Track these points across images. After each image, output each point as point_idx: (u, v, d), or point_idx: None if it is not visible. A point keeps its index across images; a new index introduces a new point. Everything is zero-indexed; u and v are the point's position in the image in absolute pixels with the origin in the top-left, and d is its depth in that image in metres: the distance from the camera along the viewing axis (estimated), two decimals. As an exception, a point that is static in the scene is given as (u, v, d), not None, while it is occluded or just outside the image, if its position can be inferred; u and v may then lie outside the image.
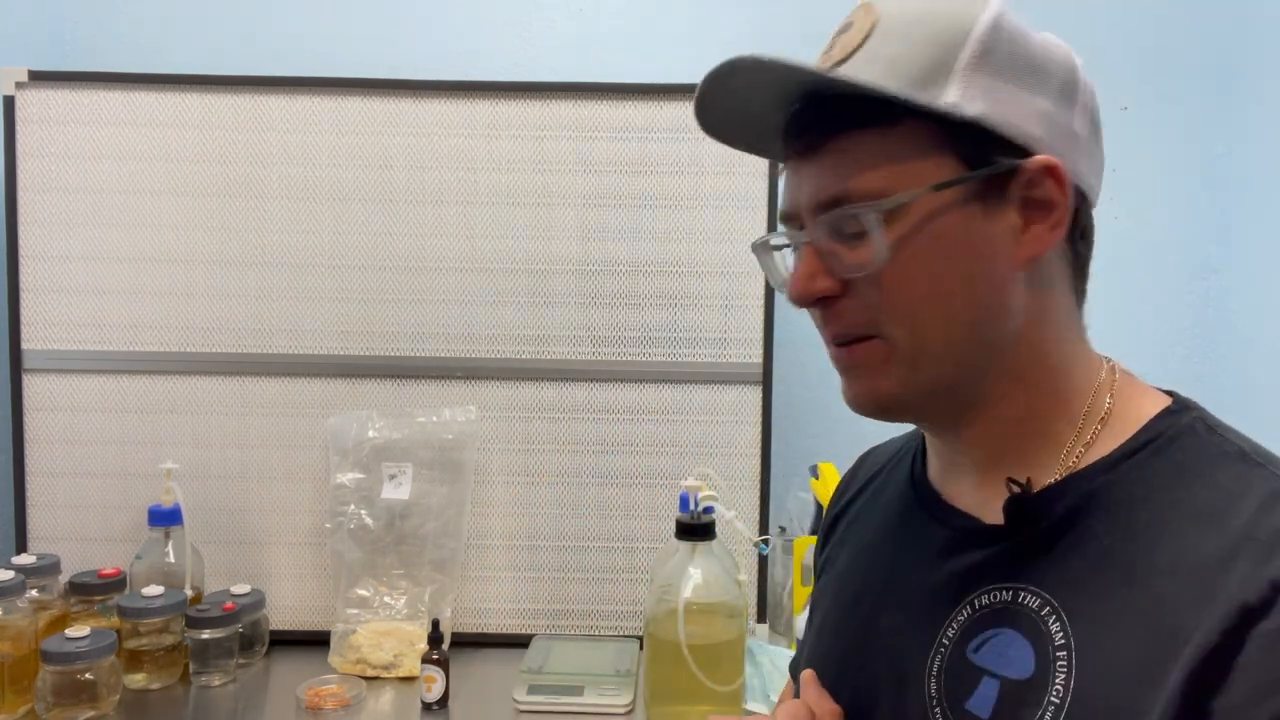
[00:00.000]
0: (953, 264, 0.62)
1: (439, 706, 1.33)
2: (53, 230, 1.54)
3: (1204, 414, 0.64)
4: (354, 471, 1.53)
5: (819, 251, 0.64)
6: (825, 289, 0.64)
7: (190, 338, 1.55)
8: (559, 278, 1.55)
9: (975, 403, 0.65)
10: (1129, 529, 0.59)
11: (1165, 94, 1.76)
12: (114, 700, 1.29)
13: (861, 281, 0.63)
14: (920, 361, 0.63)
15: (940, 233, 0.61)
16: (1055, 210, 0.62)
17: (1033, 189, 0.62)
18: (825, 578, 0.83)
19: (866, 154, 0.62)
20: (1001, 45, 0.61)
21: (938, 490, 0.72)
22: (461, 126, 1.54)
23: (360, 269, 1.55)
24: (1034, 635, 0.59)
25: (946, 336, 0.63)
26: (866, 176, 0.61)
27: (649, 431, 1.56)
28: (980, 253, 0.62)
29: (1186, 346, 1.78)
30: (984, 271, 0.62)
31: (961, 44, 0.61)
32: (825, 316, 0.66)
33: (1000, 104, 0.61)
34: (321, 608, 1.56)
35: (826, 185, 0.63)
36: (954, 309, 0.62)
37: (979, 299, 0.62)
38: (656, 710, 1.26)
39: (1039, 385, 0.65)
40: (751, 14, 1.76)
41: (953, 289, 0.62)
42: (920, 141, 0.61)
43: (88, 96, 1.53)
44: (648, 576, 1.52)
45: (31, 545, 1.55)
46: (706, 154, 1.53)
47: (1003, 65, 0.61)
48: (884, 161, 0.61)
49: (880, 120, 0.61)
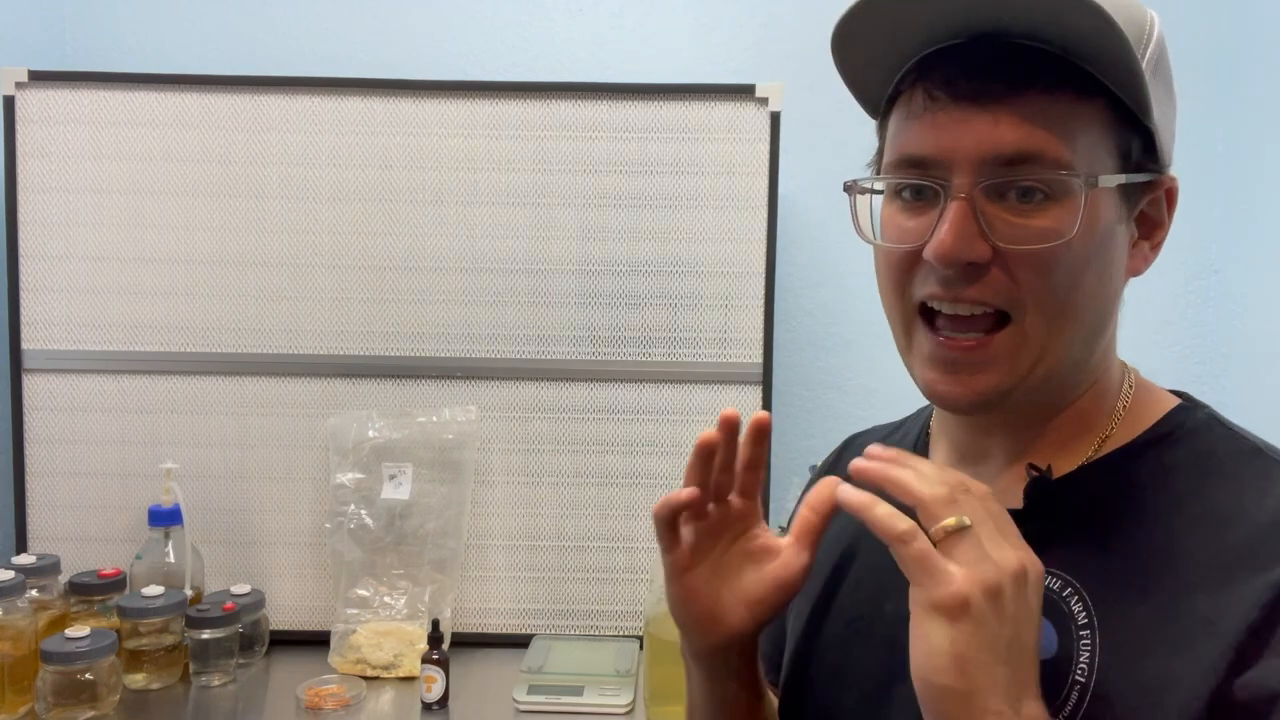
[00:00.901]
0: (1104, 262, 0.60)
1: (439, 706, 1.33)
2: (53, 230, 1.54)
3: (1215, 413, 0.65)
4: (354, 471, 1.53)
5: (975, 210, 0.58)
6: (980, 254, 0.58)
7: (190, 338, 1.55)
8: (559, 278, 1.55)
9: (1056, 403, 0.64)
10: (1150, 516, 0.59)
11: (1165, 94, 1.76)
12: (114, 700, 1.29)
13: (1018, 255, 0.58)
14: (1045, 356, 0.60)
15: (1105, 226, 0.59)
16: (1161, 230, 0.63)
17: (1153, 206, 0.62)
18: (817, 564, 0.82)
19: (1059, 119, 0.57)
20: (1165, 54, 0.60)
21: None
22: (461, 126, 1.54)
23: (360, 269, 1.55)
24: (1056, 615, 0.59)
25: (1074, 333, 0.60)
26: (1059, 144, 0.56)
27: (649, 431, 1.56)
28: (1115, 257, 0.61)
29: (1186, 346, 1.78)
30: (1115, 276, 0.61)
31: (1146, 39, 0.58)
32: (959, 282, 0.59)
33: (1163, 115, 0.60)
34: (321, 608, 1.56)
35: (1013, 139, 0.57)
36: (1091, 308, 0.60)
37: (1105, 302, 0.61)
38: (656, 710, 1.26)
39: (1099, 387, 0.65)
40: (752, 14, 1.76)
41: (1097, 287, 0.60)
42: (1105, 125, 0.58)
43: (88, 96, 1.53)
44: (648, 576, 1.52)
45: (31, 545, 1.55)
46: (706, 154, 1.53)
47: (1165, 73, 0.60)
48: (1075, 133, 0.57)
49: (1074, 87, 0.57)
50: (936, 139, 0.59)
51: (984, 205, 0.58)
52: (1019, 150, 0.57)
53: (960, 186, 0.58)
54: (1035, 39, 0.57)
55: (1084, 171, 0.57)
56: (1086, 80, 0.57)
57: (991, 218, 0.58)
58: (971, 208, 0.58)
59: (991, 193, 0.58)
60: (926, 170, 0.60)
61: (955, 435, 0.71)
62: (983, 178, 0.58)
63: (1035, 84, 0.57)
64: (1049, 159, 0.56)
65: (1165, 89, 0.61)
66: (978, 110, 0.57)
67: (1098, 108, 0.58)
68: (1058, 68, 0.56)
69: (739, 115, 1.51)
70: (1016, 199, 0.58)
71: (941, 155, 0.59)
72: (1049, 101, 0.57)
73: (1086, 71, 0.57)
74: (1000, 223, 0.58)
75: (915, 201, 0.61)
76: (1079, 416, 0.65)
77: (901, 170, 0.61)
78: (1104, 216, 0.59)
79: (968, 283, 0.59)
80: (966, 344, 0.60)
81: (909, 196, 0.62)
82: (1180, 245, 1.77)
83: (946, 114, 0.59)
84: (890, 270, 0.63)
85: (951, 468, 0.58)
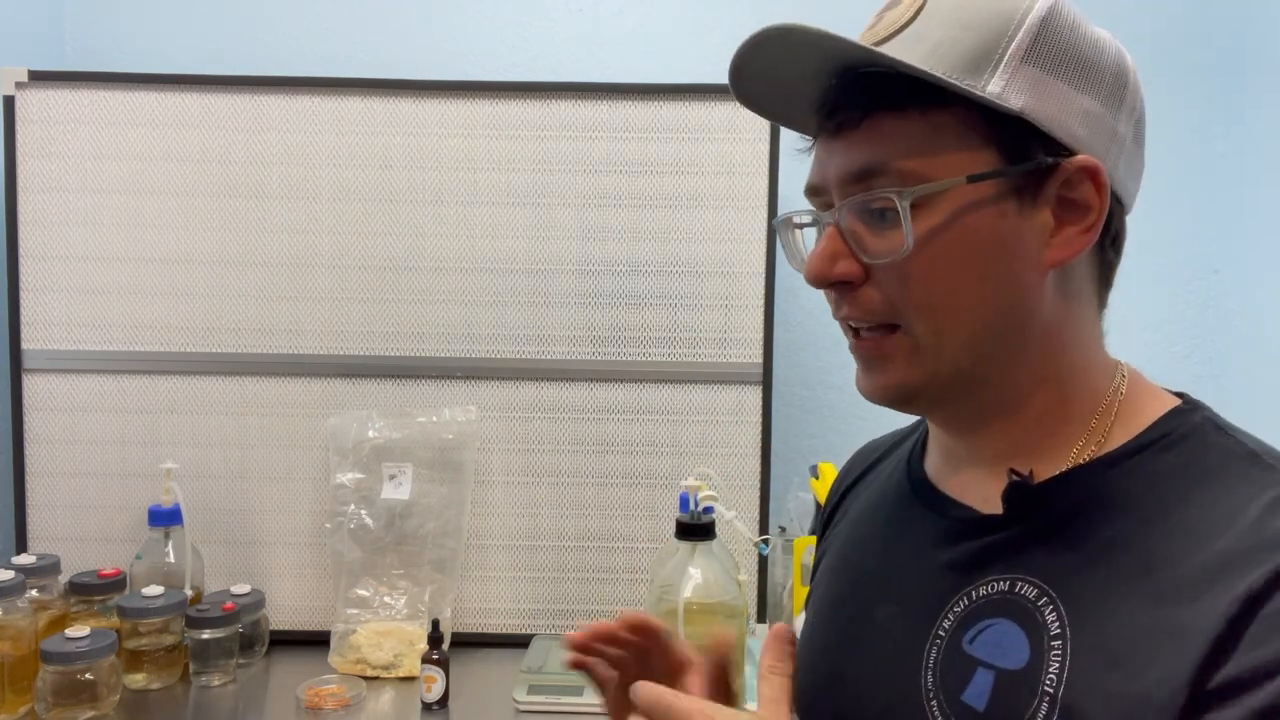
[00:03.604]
0: (981, 261, 0.60)
1: (439, 706, 1.33)
2: (53, 230, 1.54)
3: (1213, 415, 0.63)
4: (354, 471, 1.53)
5: (843, 232, 0.62)
6: (846, 273, 0.62)
7: (190, 338, 1.55)
8: (559, 278, 1.55)
9: (997, 402, 0.64)
10: (1133, 523, 0.58)
11: (1165, 94, 1.76)
12: (114, 700, 1.29)
13: (885, 269, 0.61)
14: (942, 357, 0.62)
15: (971, 227, 0.59)
16: (1090, 214, 0.60)
17: (1070, 190, 0.60)
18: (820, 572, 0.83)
19: (903, 136, 0.60)
20: (1053, 37, 0.59)
21: (934, 483, 0.71)
22: (461, 126, 1.54)
23: (360, 269, 1.55)
24: (1029, 625, 0.59)
25: (969, 335, 0.61)
26: (901, 159, 0.59)
27: (649, 431, 1.56)
28: (1010, 251, 0.60)
29: (1186, 346, 1.78)
30: (1011, 271, 0.60)
31: (1012, 32, 0.59)
32: (842, 300, 0.64)
33: (1045, 99, 0.59)
34: (321, 608, 1.56)
35: (858, 162, 0.61)
36: (978, 307, 0.61)
37: (1004, 299, 0.61)
38: (656, 710, 1.26)
39: (1060, 387, 0.64)
40: (751, 14, 1.76)
41: (978, 287, 0.60)
42: (960, 129, 0.59)
43: (88, 96, 1.53)
44: (648, 576, 1.52)
45: (31, 545, 1.55)
46: (706, 154, 1.53)
47: (1052, 58, 0.59)
48: (921, 146, 0.59)
49: (921, 103, 0.59)
50: (816, 169, 0.65)
51: (853, 226, 0.62)
52: (862, 171, 0.61)
53: (832, 212, 0.63)
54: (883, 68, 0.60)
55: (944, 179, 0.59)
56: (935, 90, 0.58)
57: (860, 237, 0.62)
58: (839, 231, 0.62)
59: (860, 213, 0.61)
60: (818, 197, 0.65)
61: (940, 439, 0.72)
62: (845, 201, 0.62)
63: (881, 105, 0.60)
64: (892, 176, 0.59)
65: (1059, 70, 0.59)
66: (840, 139, 0.62)
67: (953, 114, 0.59)
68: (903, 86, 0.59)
69: (739, 115, 1.51)
70: (872, 218, 0.61)
71: (820, 183, 0.64)
72: (896, 119, 0.60)
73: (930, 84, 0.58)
74: (865, 241, 0.61)
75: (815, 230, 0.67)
76: (1041, 418, 0.64)
77: (808, 199, 0.67)
78: (978, 216, 0.59)
79: (845, 299, 0.63)
80: (869, 341, 0.64)
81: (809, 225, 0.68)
82: (1180, 245, 1.77)
83: (823, 146, 0.64)
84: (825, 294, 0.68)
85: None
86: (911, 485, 0.73)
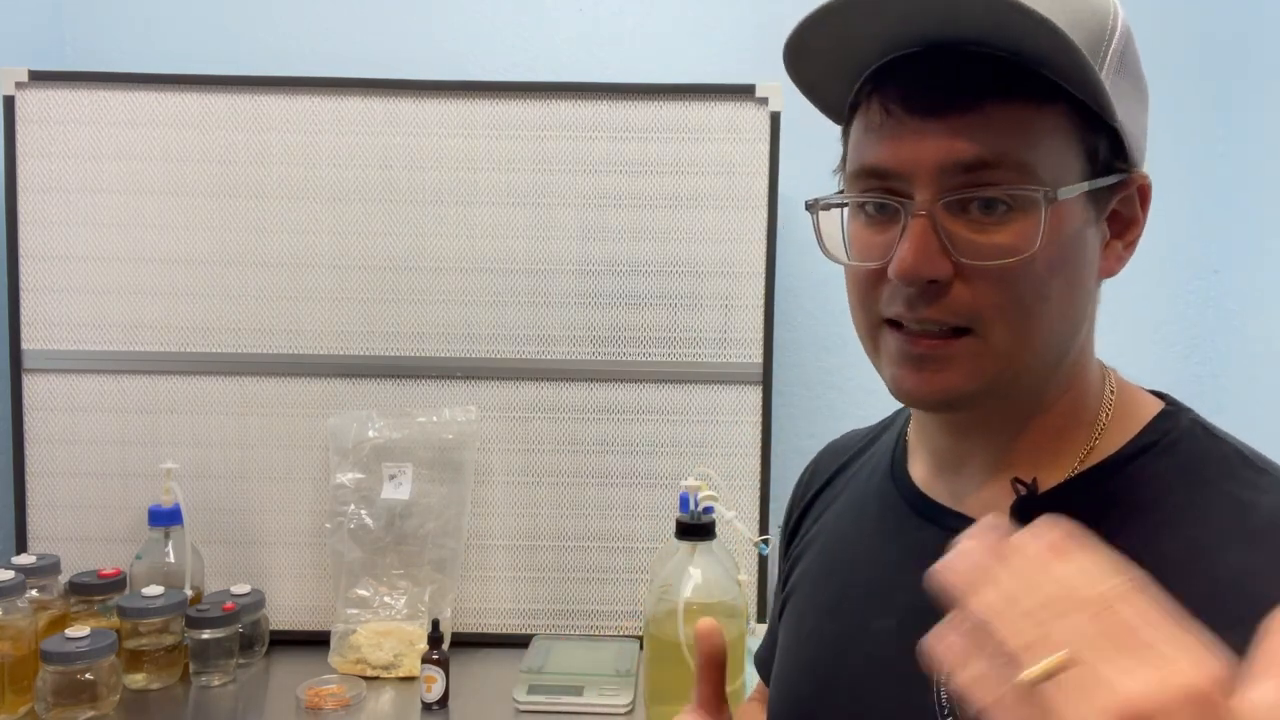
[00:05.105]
0: (1072, 270, 0.58)
1: (439, 706, 1.33)
2: (53, 230, 1.54)
3: (1198, 416, 0.63)
4: (354, 471, 1.53)
5: (936, 226, 0.57)
6: (942, 271, 0.57)
7: (190, 338, 1.55)
8: (559, 278, 1.55)
9: (1030, 408, 0.63)
10: (1140, 531, 0.58)
11: (1165, 94, 1.75)
12: (114, 700, 1.29)
13: (978, 269, 0.56)
14: (1008, 365, 0.59)
15: (1072, 235, 0.58)
16: (1135, 228, 0.61)
17: (1125, 205, 0.60)
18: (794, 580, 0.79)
19: (1018, 129, 0.55)
20: (1131, 48, 0.58)
21: (924, 490, 0.69)
22: (461, 126, 1.54)
23: (360, 269, 1.55)
24: None
25: (1040, 344, 0.59)
26: (1021, 153, 0.55)
27: (649, 431, 1.56)
28: (1089, 262, 0.60)
29: (1186, 346, 1.78)
30: (1085, 282, 0.60)
31: (1109, 35, 0.57)
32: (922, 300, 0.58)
33: (1127, 111, 0.58)
34: (321, 608, 1.56)
35: (971, 151, 0.55)
36: (1058, 317, 0.59)
37: (1077, 309, 0.60)
38: (656, 710, 1.26)
39: (1077, 391, 0.64)
40: (752, 14, 1.76)
41: (1065, 296, 0.59)
42: (1065, 130, 0.57)
43: (88, 96, 1.53)
44: (648, 576, 1.52)
45: (31, 545, 1.55)
46: (706, 154, 1.53)
47: (1130, 69, 0.59)
48: (1035, 141, 0.56)
49: (1032, 94, 0.55)
50: (895, 152, 0.58)
51: (945, 221, 0.57)
52: (978, 161, 0.56)
53: (921, 203, 0.57)
54: (988, 47, 0.55)
55: (1048, 179, 0.56)
56: (1044, 85, 0.55)
57: (953, 233, 0.57)
58: (932, 224, 0.57)
59: (953, 207, 0.57)
60: (886, 181, 0.59)
61: (934, 442, 0.69)
62: (943, 192, 0.57)
63: (990, 93, 0.56)
64: (1009, 169, 0.55)
65: (1132, 84, 0.59)
66: (934, 122, 0.56)
67: (1058, 112, 0.56)
68: (1013, 75, 0.55)
69: (739, 115, 1.51)
70: (979, 213, 0.56)
71: (901, 168, 0.58)
72: (1006, 110, 0.56)
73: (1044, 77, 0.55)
74: (962, 239, 0.57)
75: (878, 216, 0.60)
76: (1057, 423, 0.63)
77: (862, 181, 0.61)
78: (1069, 224, 0.57)
79: (930, 300, 0.58)
80: (931, 341, 0.59)
81: (872, 211, 0.61)
82: (1180, 245, 1.77)
83: (903, 126, 0.58)
84: (858, 286, 0.63)
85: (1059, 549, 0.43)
86: (900, 492, 0.71)
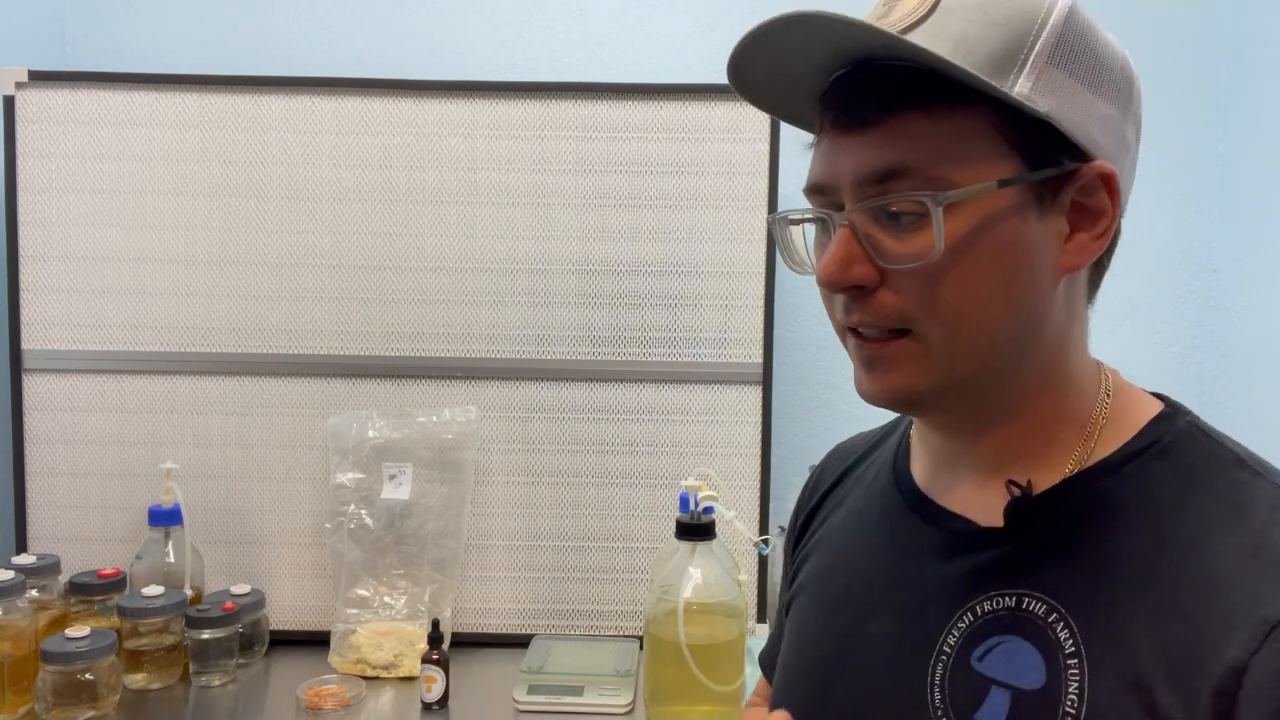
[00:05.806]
0: (1003, 268, 0.59)
1: (439, 706, 1.33)
2: (53, 230, 1.54)
3: (1196, 419, 0.63)
4: (354, 471, 1.54)
5: (858, 235, 0.59)
6: (863, 277, 0.59)
7: (190, 338, 1.55)
8: (559, 278, 1.55)
9: (1001, 407, 0.63)
10: (1136, 535, 0.58)
11: (1165, 94, 1.76)
12: (114, 700, 1.29)
13: (902, 274, 0.58)
14: (953, 364, 0.60)
15: (997, 233, 0.58)
16: (1103, 220, 0.60)
17: (1086, 196, 0.60)
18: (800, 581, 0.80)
19: (930, 137, 0.57)
20: (1074, 39, 0.58)
21: (925, 491, 0.69)
22: (461, 126, 1.54)
23: (360, 269, 1.55)
24: (1042, 643, 0.58)
25: (984, 342, 0.60)
26: (928, 160, 0.57)
27: (649, 431, 1.56)
28: (1031, 258, 0.59)
29: (1186, 346, 1.78)
30: (1030, 278, 0.59)
31: (1036, 31, 0.57)
32: (853, 305, 0.61)
33: (1068, 102, 0.58)
34: (321, 608, 1.56)
35: (880, 162, 0.58)
36: (996, 315, 0.59)
37: (1021, 306, 0.60)
38: (656, 710, 1.26)
39: (1060, 392, 0.64)
40: (752, 14, 1.75)
41: (998, 294, 0.59)
42: (984, 131, 0.57)
43: (88, 96, 1.53)
44: (648, 576, 1.52)
45: (31, 545, 1.55)
46: (706, 154, 1.53)
47: (1073, 60, 0.58)
48: (948, 147, 0.57)
49: (944, 101, 0.57)
50: (824, 168, 0.62)
51: (868, 229, 0.59)
52: (887, 171, 0.58)
53: (845, 214, 0.60)
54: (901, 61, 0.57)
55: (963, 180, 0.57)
56: (962, 89, 0.56)
57: (876, 240, 0.59)
58: (854, 232, 0.59)
59: (878, 215, 0.59)
60: (826, 196, 0.62)
61: (930, 442, 0.71)
62: (859, 201, 0.59)
63: (903, 104, 0.57)
64: (915, 177, 0.57)
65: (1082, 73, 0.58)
66: (853, 137, 0.59)
67: (982, 113, 0.57)
68: (926, 84, 0.56)
69: (739, 115, 1.51)
70: (894, 220, 0.58)
71: (832, 182, 0.61)
72: (920, 118, 0.57)
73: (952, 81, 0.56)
74: (883, 245, 0.59)
75: (822, 229, 0.64)
76: (1041, 424, 0.63)
77: (809, 197, 0.64)
78: (1003, 222, 0.58)
79: (859, 303, 0.60)
80: (874, 343, 0.62)
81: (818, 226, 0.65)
82: (1180, 245, 1.77)
83: (832, 142, 0.61)
84: (822, 295, 0.65)
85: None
86: (901, 492, 0.71)
